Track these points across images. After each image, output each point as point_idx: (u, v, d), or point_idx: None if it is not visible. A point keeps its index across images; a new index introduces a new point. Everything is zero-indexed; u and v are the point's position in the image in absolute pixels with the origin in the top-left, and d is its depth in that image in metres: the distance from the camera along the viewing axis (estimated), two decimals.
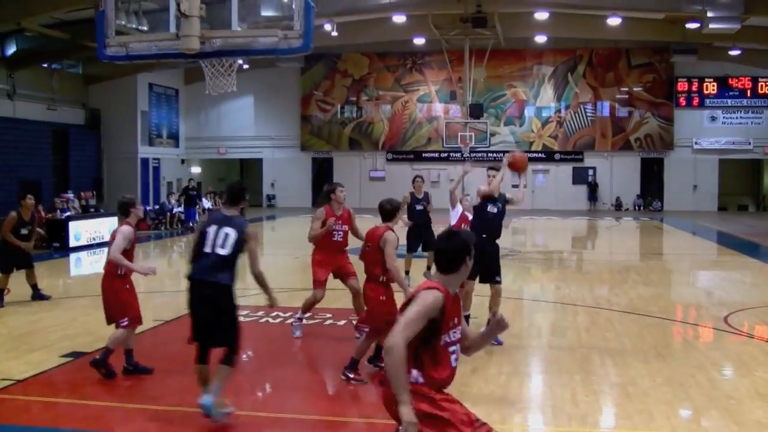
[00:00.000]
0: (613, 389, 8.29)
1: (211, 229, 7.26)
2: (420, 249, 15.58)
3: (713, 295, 15.45)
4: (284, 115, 47.90)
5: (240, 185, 7.98)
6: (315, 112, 47.55)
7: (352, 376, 8.47)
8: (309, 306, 10.65)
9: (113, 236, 8.90)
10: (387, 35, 40.43)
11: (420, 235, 15.18)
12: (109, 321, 8.94)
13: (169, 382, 8.54)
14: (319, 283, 10.38)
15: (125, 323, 8.72)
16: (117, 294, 8.82)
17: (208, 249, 7.19)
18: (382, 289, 8.63)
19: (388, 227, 8.62)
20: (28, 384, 8.38)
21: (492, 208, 10.38)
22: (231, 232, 7.21)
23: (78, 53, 37.62)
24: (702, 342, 11.10)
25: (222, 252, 7.15)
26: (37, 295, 13.98)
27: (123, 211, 9.19)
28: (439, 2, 32.33)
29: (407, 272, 14.96)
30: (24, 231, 13.93)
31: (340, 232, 10.41)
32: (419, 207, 15.31)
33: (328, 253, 10.45)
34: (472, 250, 4.76)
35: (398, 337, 4.37)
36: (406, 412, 4.30)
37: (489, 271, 10.20)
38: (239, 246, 7.23)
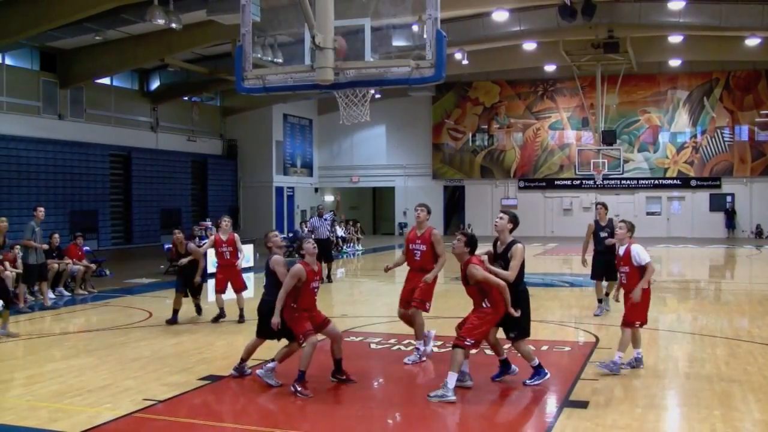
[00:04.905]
0: (756, 426, 7.88)
1: None
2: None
3: None
4: (416, 143, 48.34)
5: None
6: (446, 140, 47.79)
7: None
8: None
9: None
10: (517, 63, 40.41)
11: (604, 263, 14.49)
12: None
13: (306, 408, 8.64)
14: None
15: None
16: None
17: None
18: None
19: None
20: (169, 405, 8.68)
21: None
22: None
23: (216, 86, 39.01)
24: None
25: None
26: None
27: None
28: (569, 28, 31.97)
29: (600, 300, 15.10)
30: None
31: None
32: (603, 234, 14.67)
33: None
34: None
35: None
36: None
37: None
38: None
